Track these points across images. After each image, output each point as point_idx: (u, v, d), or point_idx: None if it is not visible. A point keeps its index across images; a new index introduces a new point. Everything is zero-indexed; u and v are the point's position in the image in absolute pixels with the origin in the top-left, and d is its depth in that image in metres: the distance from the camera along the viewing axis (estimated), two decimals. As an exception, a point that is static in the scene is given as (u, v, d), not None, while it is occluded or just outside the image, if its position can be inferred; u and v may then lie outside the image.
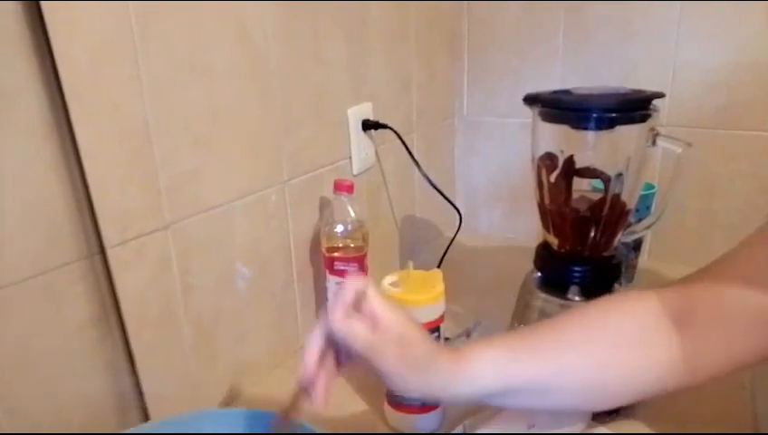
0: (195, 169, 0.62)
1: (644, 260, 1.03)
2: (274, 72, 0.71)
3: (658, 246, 1.06)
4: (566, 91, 0.62)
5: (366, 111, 0.91)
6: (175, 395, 0.62)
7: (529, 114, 0.70)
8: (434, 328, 0.62)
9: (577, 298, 0.66)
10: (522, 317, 0.70)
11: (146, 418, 0.57)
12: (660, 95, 0.63)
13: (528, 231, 1.19)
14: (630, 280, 0.97)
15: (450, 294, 0.64)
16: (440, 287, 0.62)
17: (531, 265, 0.73)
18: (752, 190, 0.97)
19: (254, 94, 0.69)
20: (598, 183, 0.69)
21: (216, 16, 0.62)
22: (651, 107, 0.62)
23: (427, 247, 1.13)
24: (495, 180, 1.21)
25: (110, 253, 0.52)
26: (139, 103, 0.55)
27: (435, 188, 0.93)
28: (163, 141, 0.58)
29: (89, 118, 0.50)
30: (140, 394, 0.56)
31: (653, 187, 0.92)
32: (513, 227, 1.22)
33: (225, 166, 0.66)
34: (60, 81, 0.47)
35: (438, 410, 0.66)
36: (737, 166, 0.97)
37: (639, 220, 0.74)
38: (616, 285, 0.68)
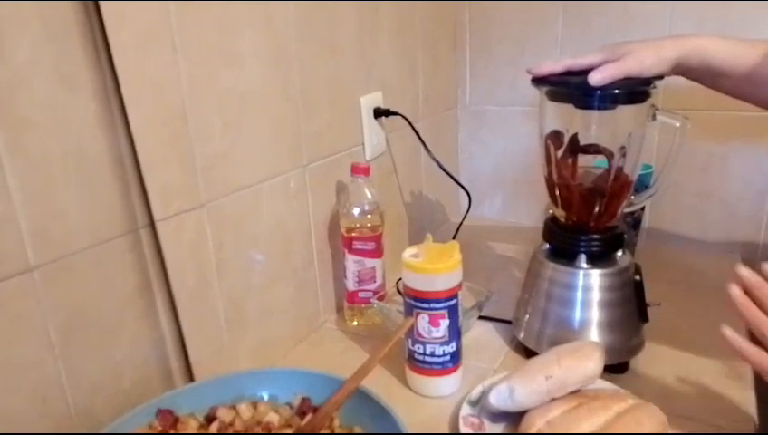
0: (225, 151, 0.66)
1: (642, 239, 1.07)
2: (293, 59, 0.75)
3: (656, 224, 1.11)
4: (572, 73, 0.66)
5: (377, 99, 0.95)
6: (212, 362, 0.66)
7: (528, 102, 0.74)
8: (453, 295, 0.66)
9: (584, 265, 0.70)
10: (532, 287, 0.75)
11: (191, 379, 0.62)
12: (659, 77, 0.67)
13: (529, 215, 1.23)
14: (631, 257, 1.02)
15: (462, 272, 0.67)
16: (458, 256, 0.67)
17: (533, 246, 0.78)
18: (744, 168, 1.02)
19: (276, 81, 0.73)
20: (600, 162, 0.74)
21: (244, 6, 0.66)
22: (651, 85, 0.67)
23: (436, 231, 1.18)
24: (497, 168, 1.26)
25: (158, 226, 0.56)
26: (177, 87, 0.59)
27: (444, 171, 0.98)
28: (198, 123, 0.62)
29: (138, 100, 0.55)
30: (186, 358, 0.60)
31: (650, 167, 0.97)
32: (515, 213, 1.26)
33: (252, 149, 0.71)
34: (114, 68, 0.52)
35: (457, 372, 0.70)
36: (731, 145, 1.02)
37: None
38: (619, 253, 0.72)
